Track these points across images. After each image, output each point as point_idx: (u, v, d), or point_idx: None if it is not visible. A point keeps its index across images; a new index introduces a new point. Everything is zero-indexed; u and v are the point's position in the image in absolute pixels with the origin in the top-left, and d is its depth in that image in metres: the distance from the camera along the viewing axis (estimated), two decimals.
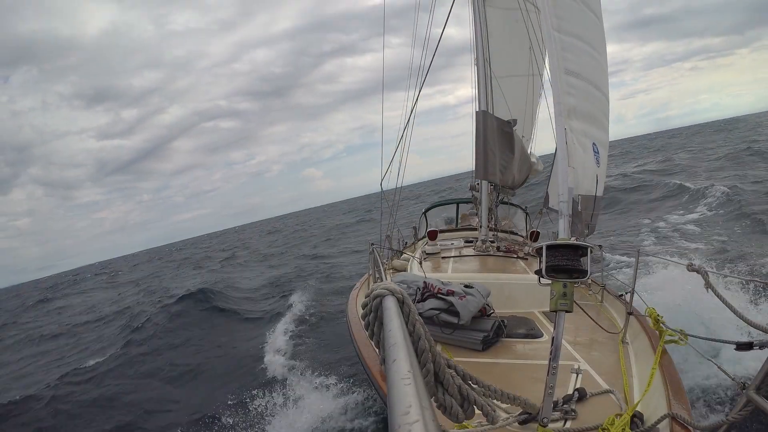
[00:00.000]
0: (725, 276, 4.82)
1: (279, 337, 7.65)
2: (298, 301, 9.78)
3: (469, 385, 1.12)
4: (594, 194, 2.36)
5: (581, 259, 1.79)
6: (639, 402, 2.18)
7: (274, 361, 6.52)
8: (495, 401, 2.22)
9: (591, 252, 1.80)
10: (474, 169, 5.16)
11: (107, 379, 7.06)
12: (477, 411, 1.28)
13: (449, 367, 1.11)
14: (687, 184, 15.20)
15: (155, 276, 24.32)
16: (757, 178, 14.57)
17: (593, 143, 2.37)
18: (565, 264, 1.77)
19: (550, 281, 1.81)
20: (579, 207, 2.12)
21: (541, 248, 1.82)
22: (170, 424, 5.26)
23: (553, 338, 1.86)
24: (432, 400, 1.13)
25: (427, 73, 5.78)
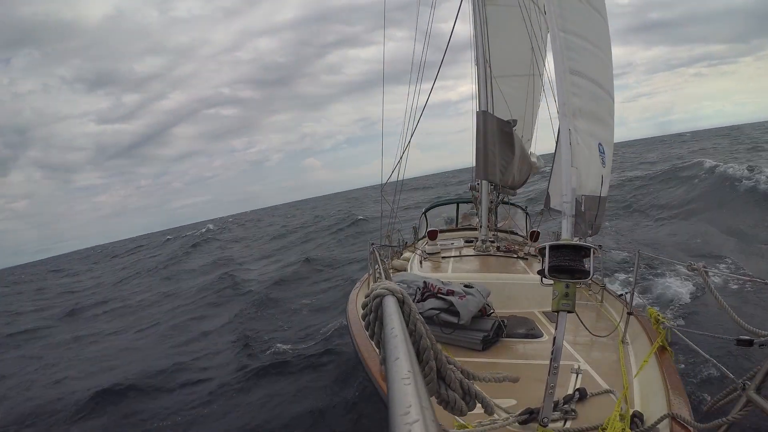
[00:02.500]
0: (726, 276, 4.82)
1: None
2: None
3: (469, 379, 1.14)
4: (599, 194, 2.35)
5: (584, 260, 1.79)
6: (635, 400, 2.18)
7: None
8: (495, 401, 2.22)
9: (594, 253, 1.80)
10: (474, 169, 5.16)
11: None
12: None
13: (449, 363, 1.12)
14: None
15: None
16: None
17: (599, 143, 2.36)
18: (568, 264, 1.77)
19: (552, 281, 1.81)
20: (583, 207, 2.11)
21: (544, 248, 1.82)
22: None
23: (554, 338, 1.86)
24: (435, 397, 1.14)
25: (437, 73, 5.77)
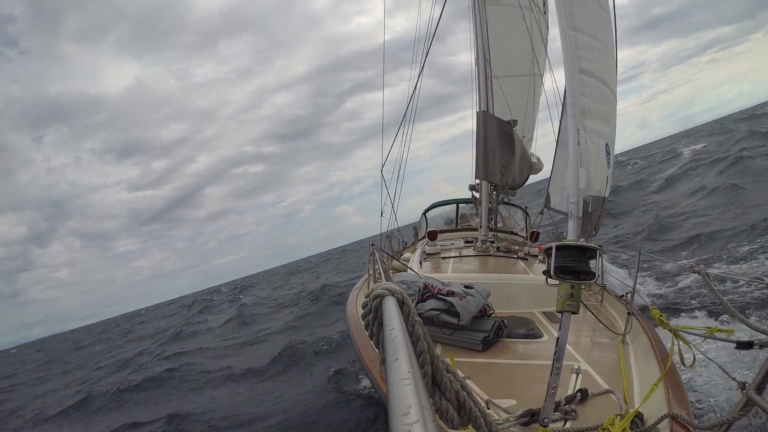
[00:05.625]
0: (726, 277, 4.81)
1: None
2: None
3: (467, 392, 1.12)
4: (603, 195, 2.35)
5: (589, 261, 1.79)
6: (635, 400, 2.18)
7: None
8: (495, 401, 2.23)
9: (600, 254, 1.79)
10: (474, 169, 5.16)
11: None
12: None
13: (448, 371, 1.10)
14: None
15: None
16: None
17: (606, 144, 2.35)
18: (573, 265, 1.77)
19: (557, 282, 1.81)
20: (590, 208, 2.10)
21: (550, 248, 1.81)
22: None
23: (557, 339, 1.86)
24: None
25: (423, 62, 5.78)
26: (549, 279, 1.84)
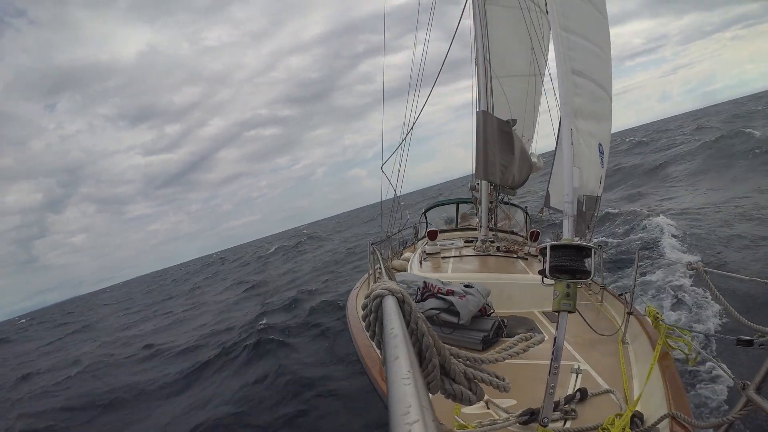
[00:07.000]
0: (725, 275, 4.80)
1: None
2: None
3: (474, 367, 1.14)
4: (597, 194, 2.36)
5: (585, 260, 1.79)
6: (638, 401, 2.18)
7: None
8: (495, 401, 2.23)
9: (595, 253, 1.79)
10: (474, 169, 5.16)
11: None
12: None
13: (451, 354, 1.12)
14: None
15: None
16: None
17: (599, 144, 2.37)
18: (569, 264, 1.77)
19: (553, 281, 1.81)
20: (584, 207, 2.12)
21: (545, 248, 1.81)
22: None
23: (555, 338, 1.86)
24: (441, 392, 1.14)
25: (438, 75, 5.77)
26: (545, 278, 1.84)
